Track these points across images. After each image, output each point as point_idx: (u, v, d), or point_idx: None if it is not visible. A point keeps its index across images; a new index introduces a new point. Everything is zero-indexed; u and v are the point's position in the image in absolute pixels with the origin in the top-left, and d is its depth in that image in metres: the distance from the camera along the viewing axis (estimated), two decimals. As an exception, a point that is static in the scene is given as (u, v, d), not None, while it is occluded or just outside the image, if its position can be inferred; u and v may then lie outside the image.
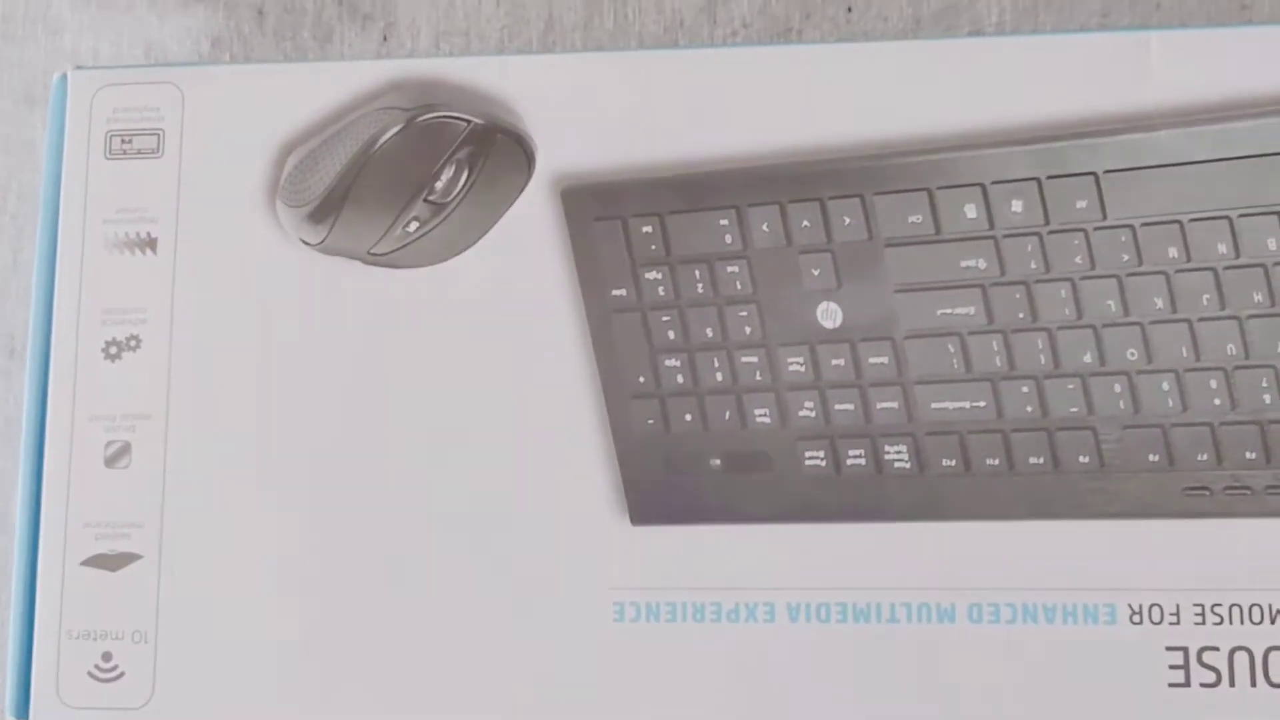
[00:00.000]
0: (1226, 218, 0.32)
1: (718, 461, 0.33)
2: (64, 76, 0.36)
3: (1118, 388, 0.33)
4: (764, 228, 0.34)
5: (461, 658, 0.33)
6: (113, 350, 0.35)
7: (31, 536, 0.33)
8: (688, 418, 0.34)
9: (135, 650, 0.32)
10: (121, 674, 0.32)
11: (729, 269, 0.34)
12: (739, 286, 0.34)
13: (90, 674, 0.32)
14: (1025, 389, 0.33)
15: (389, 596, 0.33)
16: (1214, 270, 0.32)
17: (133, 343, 0.35)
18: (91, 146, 0.36)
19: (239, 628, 0.32)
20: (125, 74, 0.36)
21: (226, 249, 0.35)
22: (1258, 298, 0.32)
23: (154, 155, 0.36)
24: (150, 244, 0.35)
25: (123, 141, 0.36)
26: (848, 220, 0.34)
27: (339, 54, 0.41)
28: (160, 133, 0.36)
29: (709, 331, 0.34)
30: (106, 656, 0.32)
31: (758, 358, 0.34)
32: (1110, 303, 0.33)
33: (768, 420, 0.33)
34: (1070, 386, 0.33)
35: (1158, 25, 0.37)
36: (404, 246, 0.35)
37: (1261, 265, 0.32)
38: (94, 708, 0.32)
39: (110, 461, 0.34)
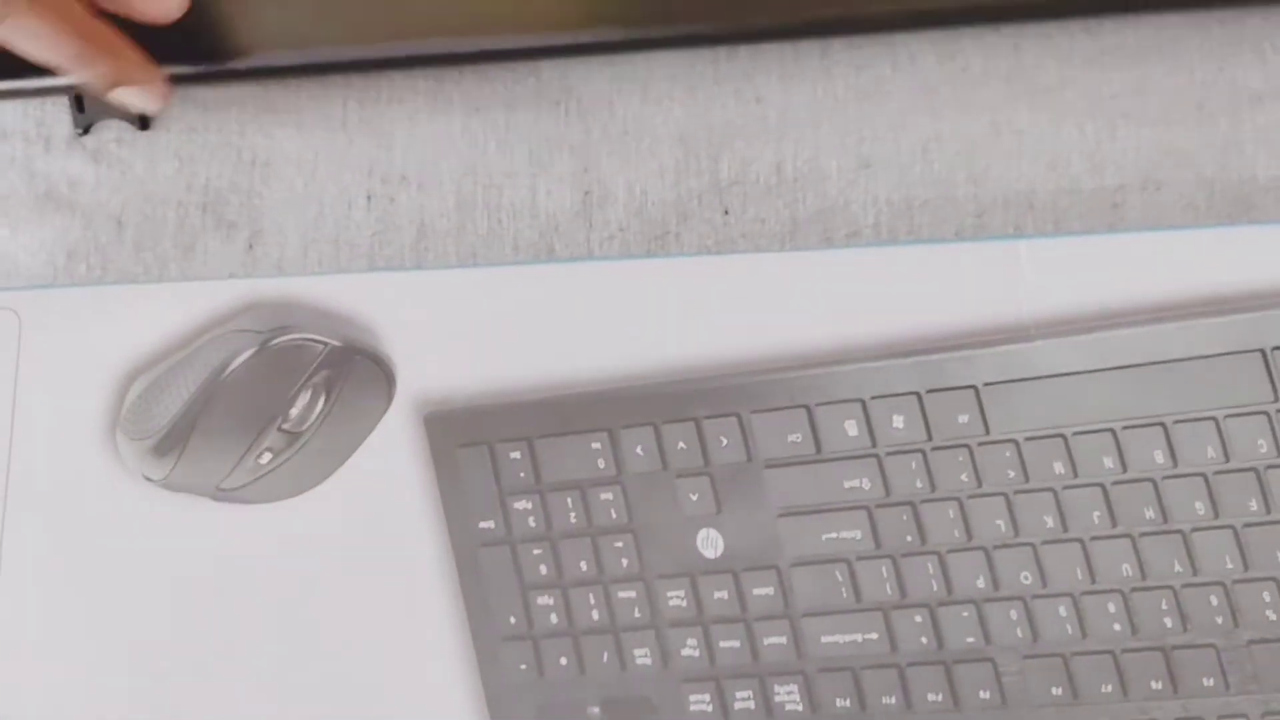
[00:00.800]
0: (1110, 430, 0.32)
1: (596, 710, 0.31)
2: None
3: (1014, 614, 0.31)
4: (638, 450, 0.32)
5: None
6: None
7: None
8: (563, 661, 0.31)
9: None
10: None
11: (603, 496, 0.32)
12: (614, 515, 0.32)
13: None
14: (918, 618, 0.31)
15: None
16: (1102, 486, 0.32)
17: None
18: (-83, 377, 0.33)
19: None
20: (-43, 300, 0.34)
21: (61, 483, 0.32)
22: (1149, 514, 0.31)
23: (-14, 385, 0.33)
24: (-25, 480, 0.33)
25: (-48, 371, 0.33)
26: (725, 441, 0.32)
27: (202, 264, 0.39)
28: (-6, 361, 0.33)
29: (583, 565, 0.32)
30: None
31: (636, 592, 0.31)
32: (1000, 522, 0.32)
33: (648, 661, 0.31)
34: (965, 614, 0.31)
35: (1030, 230, 0.37)
36: (256, 480, 0.32)
37: (1150, 479, 0.31)
38: None
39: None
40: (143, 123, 0.40)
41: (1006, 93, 0.38)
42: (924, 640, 0.31)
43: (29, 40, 0.31)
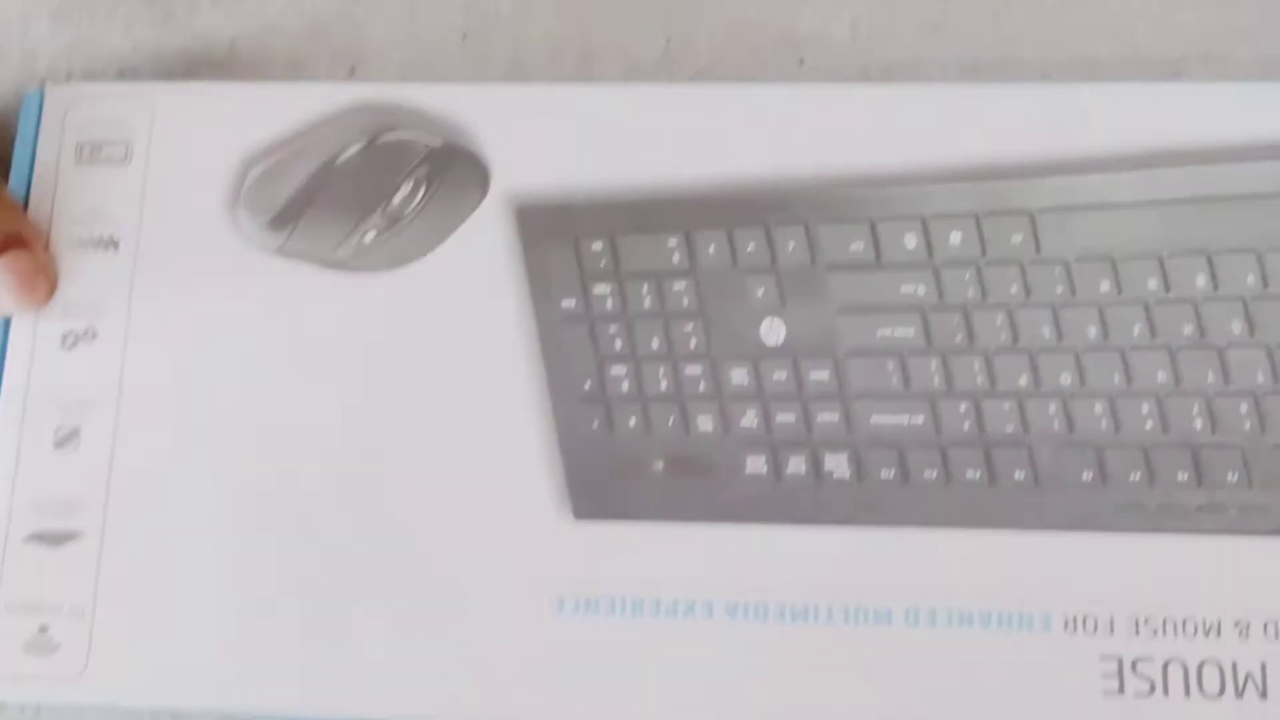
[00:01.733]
0: (1157, 256, 0.34)
1: (660, 464, 0.34)
2: (40, 89, 0.38)
3: (1052, 409, 0.33)
4: (710, 250, 0.35)
5: (401, 647, 0.32)
6: (69, 341, 0.35)
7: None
8: (632, 422, 0.34)
9: (71, 624, 0.32)
10: (57, 646, 0.31)
11: (676, 286, 0.35)
12: (685, 303, 0.35)
13: (26, 646, 0.31)
14: (963, 407, 0.33)
15: (331, 583, 0.32)
16: (1145, 304, 0.34)
17: (90, 334, 0.35)
18: (62, 153, 0.37)
19: (174, 607, 0.32)
20: (101, 88, 0.38)
21: (186, 250, 0.36)
22: (1188, 330, 0.33)
23: (122, 163, 0.37)
24: (113, 244, 0.36)
25: (92, 150, 0.37)
26: (792, 245, 0.35)
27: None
28: (129, 143, 0.37)
29: (655, 343, 0.34)
30: (43, 629, 0.32)
31: (702, 369, 0.34)
32: (1045, 330, 0.34)
33: (710, 428, 0.34)
34: (1006, 406, 0.33)
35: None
36: (361, 253, 0.35)
37: (1191, 301, 0.34)
38: (28, 677, 0.31)
39: (59, 444, 0.33)
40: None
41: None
42: (966, 426, 0.33)
43: None
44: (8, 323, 0.35)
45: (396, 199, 0.36)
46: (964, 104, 0.36)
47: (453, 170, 0.36)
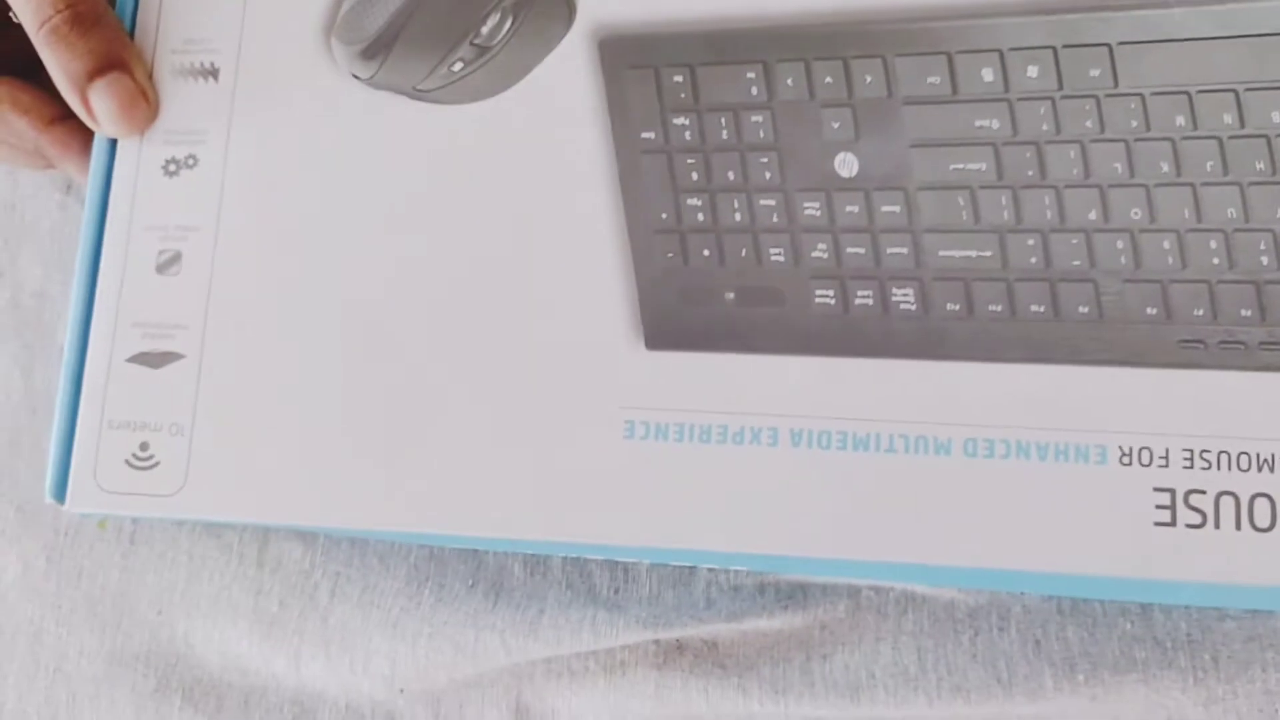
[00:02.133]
0: (1233, 90, 0.34)
1: (732, 295, 0.35)
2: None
3: (1120, 244, 0.34)
4: (788, 82, 0.35)
5: (479, 466, 0.34)
6: (171, 168, 0.37)
7: (82, 335, 0.35)
8: (706, 253, 0.35)
9: (171, 442, 0.34)
10: (157, 463, 0.34)
11: (753, 118, 0.35)
12: (761, 135, 0.35)
13: (127, 461, 0.34)
14: (1030, 241, 0.34)
15: (414, 405, 0.35)
16: (1219, 139, 0.34)
17: (190, 161, 0.37)
18: (162, -19, 0.38)
19: (269, 426, 0.34)
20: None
21: (282, 80, 0.37)
22: (1260, 166, 0.33)
23: (222, -8, 0.38)
24: (212, 73, 0.37)
25: (193, -21, 0.38)
26: (869, 79, 0.35)
27: None
28: (227, -29, 0.38)
29: (730, 175, 0.35)
30: (144, 446, 0.34)
31: (775, 201, 0.35)
32: (1117, 165, 0.34)
33: (782, 259, 0.35)
34: (1074, 241, 0.34)
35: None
36: (448, 85, 0.37)
37: (1265, 136, 0.34)
38: (128, 493, 0.34)
39: (161, 268, 0.36)
40: None
41: None
42: (1033, 260, 0.34)
43: None
44: (112, 150, 0.37)
45: (484, 30, 0.37)
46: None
47: (539, 1, 0.37)
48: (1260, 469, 0.32)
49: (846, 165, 0.35)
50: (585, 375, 0.35)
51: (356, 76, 0.37)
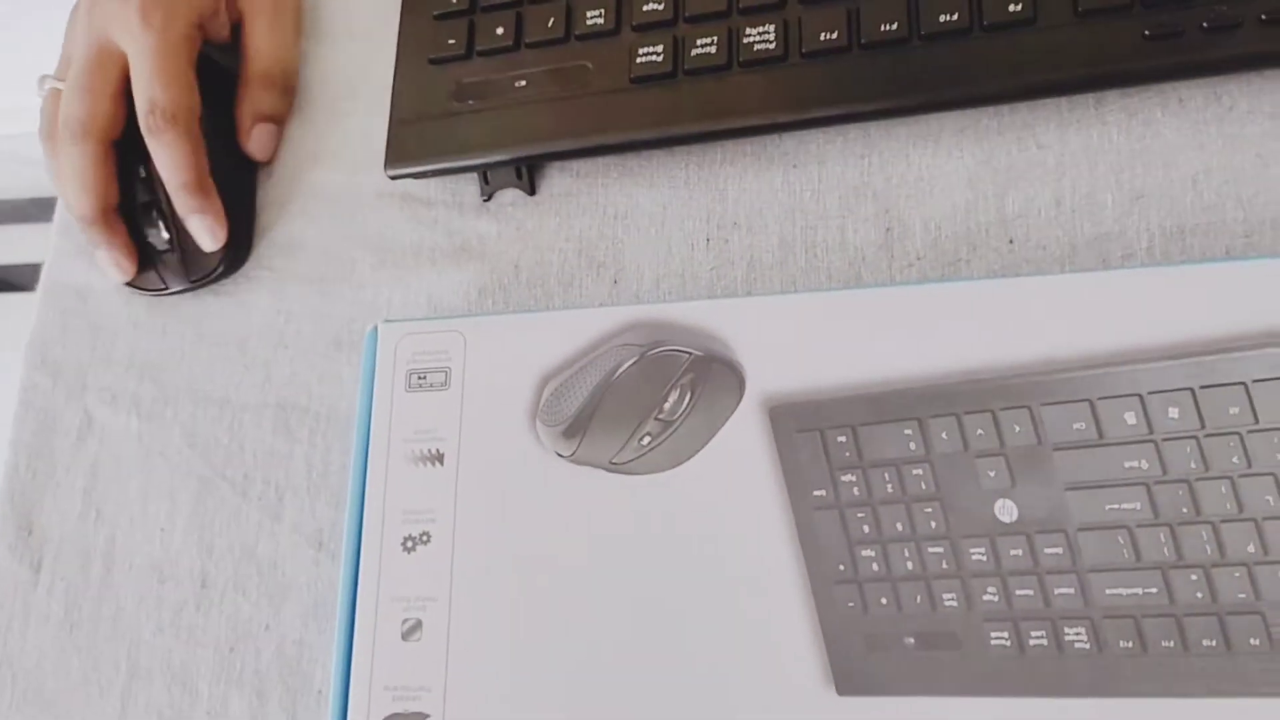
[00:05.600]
0: (1372, 421, 0.36)
1: (911, 640, 0.38)
2: (375, 328, 0.46)
3: (1282, 575, 0.36)
4: (943, 435, 0.39)
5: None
6: (409, 544, 0.43)
7: (342, 700, 0.40)
8: (884, 601, 0.39)
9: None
10: None
11: (914, 471, 0.39)
12: (924, 487, 0.39)
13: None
14: (1194, 576, 0.36)
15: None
16: (1365, 466, 0.36)
17: (425, 538, 0.43)
18: (395, 381, 0.45)
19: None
20: (422, 324, 0.46)
21: (498, 462, 0.43)
22: None
23: (443, 388, 0.45)
24: (439, 458, 0.44)
25: (419, 377, 0.45)
26: (1018, 429, 0.39)
27: (578, 295, 0.49)
28: (448, 370, 0.45)
29: (899, 526, 0.39)
30: None
31: (943, 548, 0.38)
32: (1269, 498, 0.36)
33: (955, 604, 0.38)
34: (1236, 575, 0.36)
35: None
36: (639, 457, 0.42)
37: None
38: None
39: (406, 635, 0.41)
40: (531, 189, 0.51)
41: (1272, 128, 0.43)
42: (1199, 595, 0.36)
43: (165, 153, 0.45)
44: (358, 530, 0.44)
45: (666, 406, 0.42)
46: (1167, 284, 0.39)
47: (713, 377, 0.42)
48: None
49: (1006, 511, 0.38)
50: (785, 723, 0.38)
51: (560, 454, 0.42)
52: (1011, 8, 0.44)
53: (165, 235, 0.47)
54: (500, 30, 0.50)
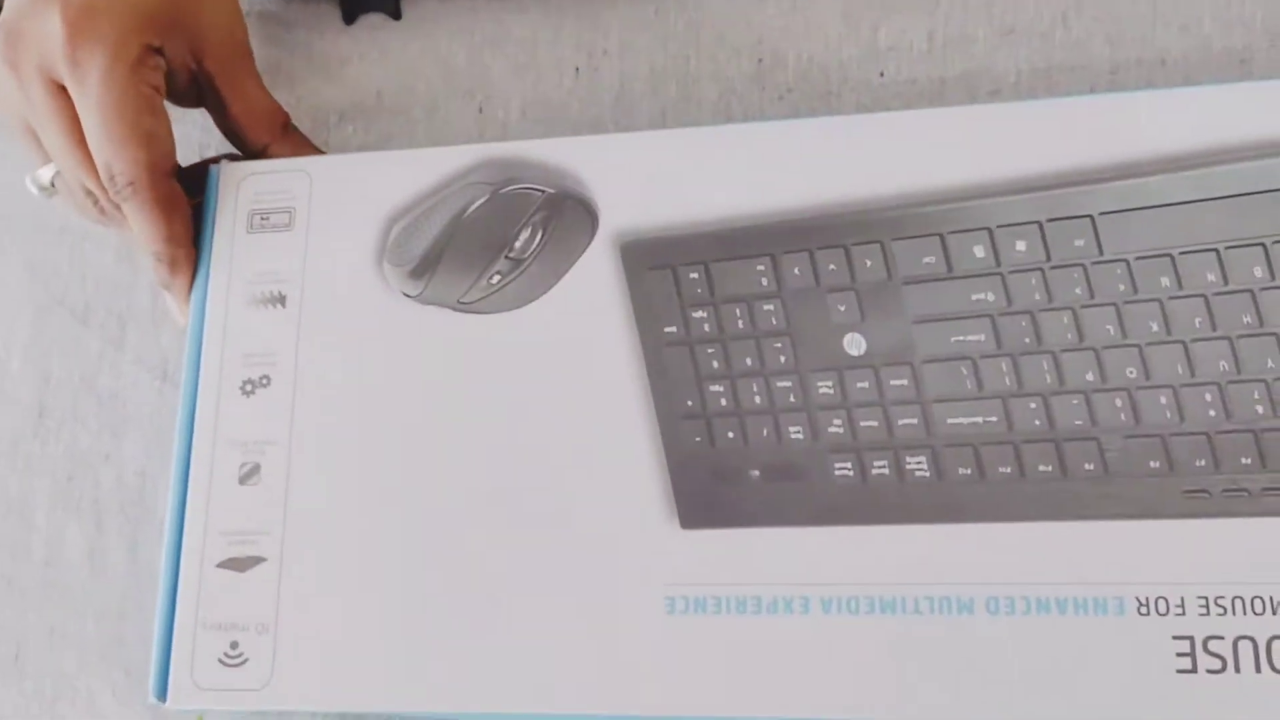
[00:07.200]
0: (1214, 250, 0.36)
1: (757, 472, 0.38)
2: (217, 167, 0.44)
3: (1119, 403, 0.36)
4: (795, 271, 0.39)
5: (533, 647, 0.37)
6: (248, 387, 0.41)
7: (176, 543, 0.39)
8: (730, 435, 0.38)
9: (258, 640, 0.38)
10: (246, 660, 0.38)
11: (765, 307, 0.39)
12: (774, 322, 0.39)
13: (220, 660, 0.37)
14: (1033, 405, 0.36)
15: (469, 593, 0.38)
16: (1204, 296, 0.36)
17: (264, 381, 0.41)
18: (237, 222, 0.43)
19: (344, 621, 0.37)
20: (265, 164, 0.44)
21: (342, 304, 0.41)
22: (1246, 320, 0.36)
23: (286, 229, 0.43)
24: (281, 300, 0.42)
25: (261, 218, 0.43)
26: (869, 263, 0.38)
27: (443, 124, 0.46)
28: (292, 210, 0.43)
29: (748, 361, 0.38)
30: (234, 645, 0.38)
31: (791, 383, 0.38)
32: (1109, 328, 0.36)
33: (800, 436, 0.38)
34: (1074, 402, 0.36)
35: (1163, 84, 0.41)
36: (488, 296, 0.41)
37: (1249, 291, 0.36)
38: (221, 689, 0.37)
39: (243, 480, 0.40)
40: (397, 13, 0.48)
41: (1138, -38, 0.42)
42: (1037, 423, 0.36)
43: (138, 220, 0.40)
44: (196, 369, 0.42)
45: (517, 244, 0.41)
46: (1026, 120, 0.38)
47: (565, 214, 0.41)
48: (1275, 612, 0.34)
49: (855, 345, 0.38)
50: (628, 556, 0.37)
51: (406, 295, 0.41)
52: None
53: None
54: None
